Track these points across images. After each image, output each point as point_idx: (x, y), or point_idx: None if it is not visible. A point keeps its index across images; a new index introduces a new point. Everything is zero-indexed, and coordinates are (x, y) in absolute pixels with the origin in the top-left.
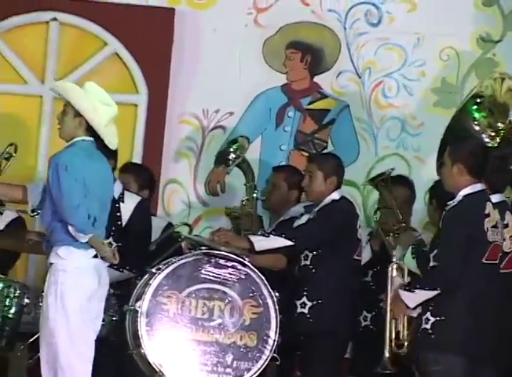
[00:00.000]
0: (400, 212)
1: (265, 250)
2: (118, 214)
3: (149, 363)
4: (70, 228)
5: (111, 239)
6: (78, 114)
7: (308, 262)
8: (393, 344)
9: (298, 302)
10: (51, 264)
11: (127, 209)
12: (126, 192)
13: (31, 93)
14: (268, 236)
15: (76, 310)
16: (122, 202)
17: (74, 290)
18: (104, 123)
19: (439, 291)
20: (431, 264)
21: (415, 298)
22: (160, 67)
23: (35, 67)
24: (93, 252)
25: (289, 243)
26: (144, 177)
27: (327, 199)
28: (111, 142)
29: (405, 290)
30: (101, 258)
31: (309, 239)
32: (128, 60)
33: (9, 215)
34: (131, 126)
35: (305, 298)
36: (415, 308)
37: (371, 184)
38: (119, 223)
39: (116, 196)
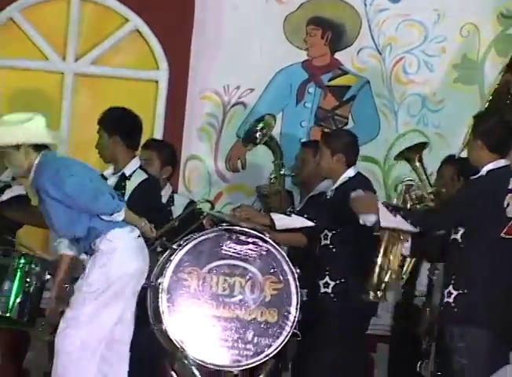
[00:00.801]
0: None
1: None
2: (123, 191)
3: (170, 339)
4: (104, 217)
5: None
6: (16, 147)
7: (328, 241)
8: (380, 272)
9: (321, 282)
10: (97, 250)
11: (132, 184)
12: (138, 170)
13: (52, 70)
14: (289, 215)
15: (120, 290)
16: (129, 179)
17: (122, 270)
18: (38, 136)
19: (415, 229)
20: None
21: (392, 220)
22: (181, 43)
23: (56, 44)
24: (137, 232)
25: (310, 223)
26: (167, 153)
27: (343, 177)
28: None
29: (388, 207)
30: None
31: (329, 220)
32: (149, 37)
33: (17, 189)
34: (152, 102)
35: (328, 278)
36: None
37: (401, 157)
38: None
39: (128, 174)
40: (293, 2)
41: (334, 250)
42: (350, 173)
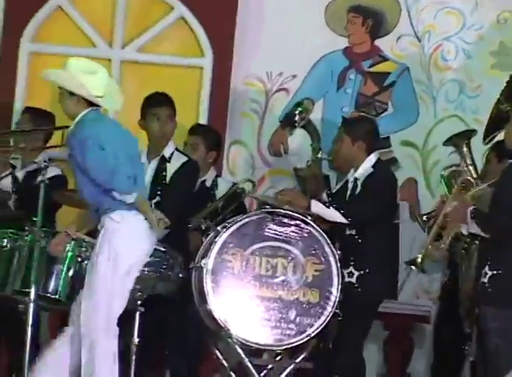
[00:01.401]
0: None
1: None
2: (164, 174)
3: (215, 319)
4: (114, 193)
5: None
6: (71, 93)
7: (353, 232)
8: (432, 245)
9: (346, 271)
10: (102, 227)
11: (173, 167)
12: (175, 152)
13: (99, 57)
14: (328, 207)
15: (126, 272)
16: (169, 162)
17: (128, 253)
18: (95, 92)
19: (486, 236)
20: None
21: (471, 224)
22: (225, 30)
23: (104, 31)
24: (142, 216)
25: (344, 220)
26: (212, 138)
27: (365, 166)
28: (115, 104)
29: (474, 211)
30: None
31: (364, 219)
32: (194, 24)
33: (53, 171)
34: (197, 88)
35: (352, 268)
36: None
37: (451, 143)
38: (164, 181)
39: (167, 156)
40: None
41: (359, 240)
42: (371, 160)
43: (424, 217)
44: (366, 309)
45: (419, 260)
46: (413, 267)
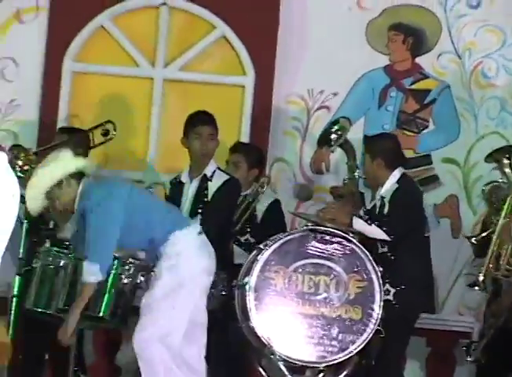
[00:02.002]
0: None
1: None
2: (206, 192)
3: (258, 336)
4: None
5: None
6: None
7: (385, 249)
8: (491, 265)
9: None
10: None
11: (214, 186)
12: (216, 171)
13: (142, 76)
14: (370, 225)
15: (191, 290)
16: (210, 180)
17: (191, 270)
18: (72, 165)
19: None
20: None
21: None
22: (267, 49)
23: (146, 51)
24: (197, 229)
25: (386, 237)
26: (254, 156)
27: (389, 184)
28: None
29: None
30: None
31: (394, 236)
32: (235, 43)
33: None
34: (239, 106)
35: (388, 285)
36: None
37: (492, 159)
38: (206, 199)
39: (209, 175)
40: (375, 9)
41: (392, 257)
42: (395, 176)
43: (473, 240)
44: (404, 325)
45: (481, 279)
46: (476, 288)
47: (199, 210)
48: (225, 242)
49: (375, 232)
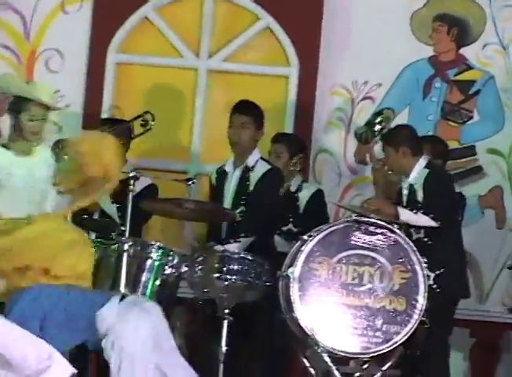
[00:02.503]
0: None
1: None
2: (248, 182)
3: (301, 327)
4: None
5: None
6: None
7: (421, 235)
8: None
9: None
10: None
11: (256, 175)
12: (259, 161)
13: (186, 66)
14: (416, 213)
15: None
16: (252, 171)
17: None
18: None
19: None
20: None
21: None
22: (311, 40)
23: (190, 41)
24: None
25: (433, 223)
26: (296, 145)
27: (419, 170)
28: None
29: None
30: None
31: (447, 219)
32: (280, 34)
33: (145, 181)
34: (283, 97)
35: (427, 270)
36: None
37: None
38: (248, 190)
39: (251, 164)
40: (420, 0)
41: (429, 243)
42: (422, 163)
43: None
44: (446, 309)
45: None
46: None
47: (242, 202)
48: (269, 232)
49: (422, 220)
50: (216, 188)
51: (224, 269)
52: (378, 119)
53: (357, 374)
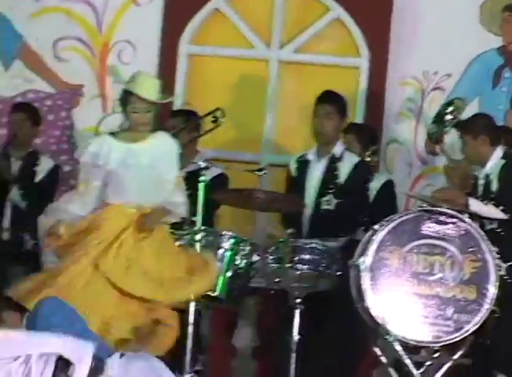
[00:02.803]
0: None
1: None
2: (336, 173)
3: (373, 316)
4: None
5: None
6: None
7: (494, 226)
8: None
9: None
10: None
11: (345, 168)
12: (345, 151)
13: (257, 57)
14: (486, 204)
15: None
16: (341, 161)
17: None
18: None
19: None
20: None
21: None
22: (381, 30)
23: (261, 32)
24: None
25: (503, 216)
26: (367, 136)
27: (496, 160)
28: None
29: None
30: None
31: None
32: (350, 25)
33: (215, 171)
34: (353, 88)
35: (500, 261)
36: None
37: None
38: (336, 180)
39: (337, 155)
40: None
41: (502, 233)
42: (499, 153)
43: None
44: None
45: None
46: None
47: (329, 191)
48: (357, 225)
49: (492, 211)
50: (296, 177)
51: (296, 258)
52: (450, 109)
53: (428, 362)
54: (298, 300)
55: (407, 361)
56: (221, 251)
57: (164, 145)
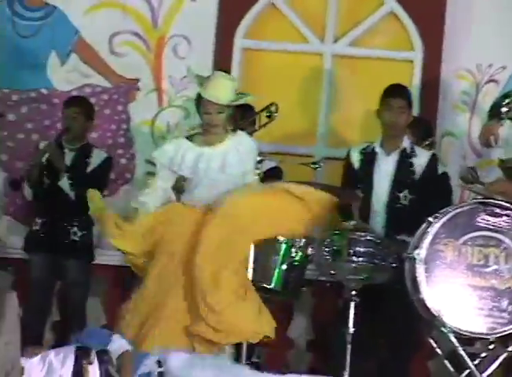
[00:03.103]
0: None
1: None
2: (412, 168)
3: (428, 308)
4: None
5: None
6: None
7: None
8: None
9: None
10: None
11: (420, 163)
12: (414, 146)
13: (311, 52)
14: None
15: None
16: (415, 156)
17: None
18: None
19: None
20: None
21: None
22: (435, 24)
23: (315, 27)
24: None
25: None
26: (421, 129)
27: None
28: None
29: None
30: None
31: None
32: (404, 19)
33: (269, 164)
34: (407, 81)
35: None
36: None
37: None
38: (413, 176)
39: (408, 149)
40: None
41: None
42: None
43: None
44: None
45: None
46: None
47: (404, 186)
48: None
49: None
50: (360, 169)
51: (351, 251)
52: (506, 101)
53: (483, 354)
54: (354, 292)
55: (462, 353)
56: (276, 244)
57: (241, 147)
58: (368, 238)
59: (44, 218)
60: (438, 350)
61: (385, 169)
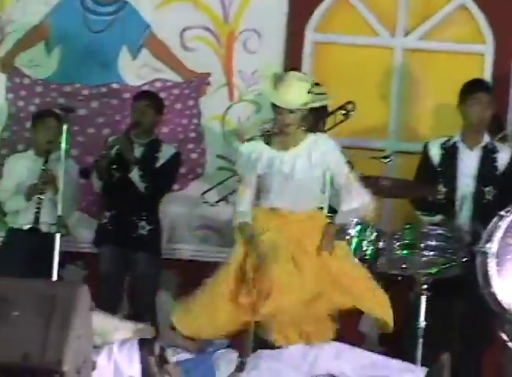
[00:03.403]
0: None
1: None
2: (495, 164)
3: (499, 302)
4: None
5: None
6: None
7: None
8: None
9: None
10: None
11: (504, 159)
12: (496, 142)
13: (382, 45)
14: None
15: None
16: (498, 151)
17: None
18: None
19: None
20: None
21: None
22: (507, 17)
23: (386, 20)
24: None
25: None
26: (494, 123)
27: None
28: None
29: None
30: None
31: None
32: (475, 12)
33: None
34: (478, 75)
35: None
36: None
37: None
38: (497, 172)
39: (490, 145)
40: None
41: None
42: None
43: None
44: None
45: None
46: None
47: (489, 181)
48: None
49: None
50: (440, 163)
51: (422, 245)
52: None
53: None
54: (425, 286)
55: None
56: (347, 238)
57: (316, 151)
58: (440, 232)
59: (113, 211)
60: (510, 344)
61: (468, 164)
